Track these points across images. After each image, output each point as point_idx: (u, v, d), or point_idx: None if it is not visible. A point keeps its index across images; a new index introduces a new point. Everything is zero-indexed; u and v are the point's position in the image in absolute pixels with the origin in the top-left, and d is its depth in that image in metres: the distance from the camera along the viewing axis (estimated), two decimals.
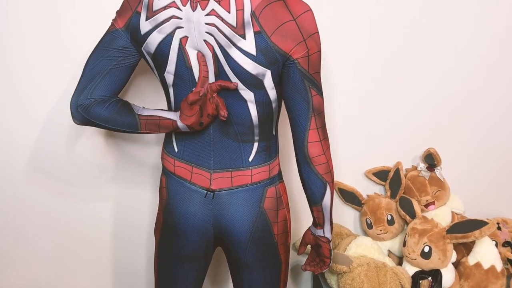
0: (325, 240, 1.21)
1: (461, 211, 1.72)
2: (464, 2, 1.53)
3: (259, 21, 0.94)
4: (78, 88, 1.07)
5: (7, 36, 1.37)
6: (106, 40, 1.06)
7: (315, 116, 1.04)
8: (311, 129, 1.04)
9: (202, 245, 1.20)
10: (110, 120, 1.08)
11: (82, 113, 1.07)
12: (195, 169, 1.14)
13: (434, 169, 1.64)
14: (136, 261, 1.73)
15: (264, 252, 1.19)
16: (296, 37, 0.97)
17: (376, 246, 1.60)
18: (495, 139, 1.73)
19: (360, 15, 1.50)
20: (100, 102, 1.07)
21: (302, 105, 1.03)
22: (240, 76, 1.00)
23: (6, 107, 1.45)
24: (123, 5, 1.05)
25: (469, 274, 1.58)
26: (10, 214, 1.58)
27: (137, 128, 1.09)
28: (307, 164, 1.08)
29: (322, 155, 1.07)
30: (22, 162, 1.52)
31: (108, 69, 1.06)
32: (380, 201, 1.66)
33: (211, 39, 0.98)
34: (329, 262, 1.25)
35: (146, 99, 1.49)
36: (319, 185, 1.10)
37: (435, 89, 1.63)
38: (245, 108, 1.05)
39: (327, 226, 1.18)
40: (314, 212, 1.16)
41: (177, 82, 1.06)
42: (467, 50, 1.59)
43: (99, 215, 1.63)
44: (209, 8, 0.96)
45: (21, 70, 1.41)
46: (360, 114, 1.63)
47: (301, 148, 1.06)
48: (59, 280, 1.70)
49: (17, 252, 1.64)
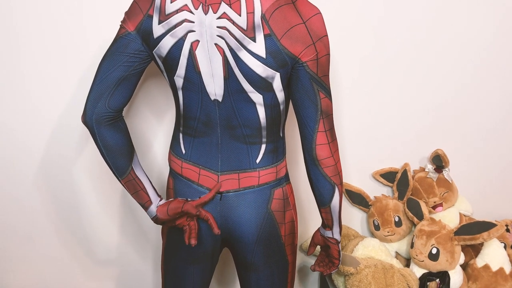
0: (334, 241, 1.21)
1: (469, 212, 1.71)
2: (469, 3, 1.52)
3: (269, 24, 0.95)
4: (94, 94, 1.05)
5: (14, 38, 1.38)
6: (120, 44, 1.05)
7: (323, 119, 1.03)
8: (319, 132, 1.04)
9: (209, 246, 1.21)
10: (111, 150, 1.09)
11: (94, 123, 1.06)
12: (203, 171, 1.14)
13: (442, 171, 1.63)
14: (143, 262, 1.73)
15: (271, 253, 1.19)
16: (305, 40, 0.97)
17: (384, 247, 1.60)
18: (503, 140, 1.71)
19: (365, 16, 1.49)
20: (112, 123, 1.07)
21: (311, 108, 1.02)
22: (250, 79, 1.00)
23: (15, 111, 1.46)
24: (133, 8, 1.04)
25: (477, 276, 1.57)
26: (18, 215, 1.59)
27: (121, 175, 1.12)
28: (315, 166, 1.07)
29: (330, 157, 1.06)
30: (31, 165, 1.53)
31: (125, 75, 1.05)
32: (387, 203, 1.66)
33: (222, 42, 0.98)
34: (338, 263, 1.26)
35: (156, 101, 1.50)
36: (327, 187, 1.09)
37: (442, 90, 1.62)
38: (253, 111, 1.06)
39: (336, 227, 1.18)
40: (322, 213, 1.16)
41: (186, 86, 1.06)
42: (474, 50, 1.58)
43: (106, 216, 1.64)
44: (220, 11, 0.96)
45: (28, 72, 1.42)
46: (367, 116, 1.62)
47: (309, 151, 1.06)
48: (67, 281, 1.71)
49: (25, 253, 1.65)
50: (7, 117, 1.47)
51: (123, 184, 1.14)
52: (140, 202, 1.16)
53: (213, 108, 1.07)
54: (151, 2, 1.01)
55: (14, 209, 1.58)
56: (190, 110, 1.10)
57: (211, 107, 1.07)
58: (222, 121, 1.08)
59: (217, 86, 1.04)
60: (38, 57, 1.40)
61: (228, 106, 1.05)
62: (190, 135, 1.13)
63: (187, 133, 1.13)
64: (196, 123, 1.10)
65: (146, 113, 1.52)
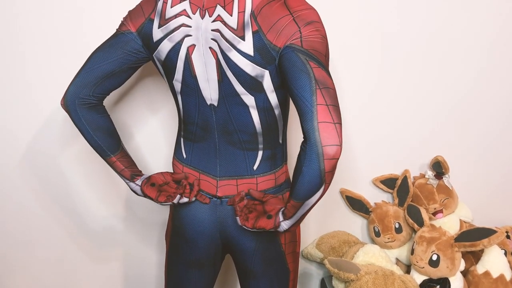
0: (277, 224, 1.03)
1: (470, 219, 1.71)
2: (472, 10, 1.53)
3: (257, 20, 0.94)
4: (81, 79, 1.06)
5: (16, 36, 1.39)
6: (120, 40, 1.06)
7: (320, 89, 0.87)
8: (319, 105, 0.86)
9: (210, 251, 1.21)
10: (98, 129, 1.10)
11: (77, 107, 1.06)
12: (202, 175, 1.15)
13: (442, 177, 1.64)
14: (147, 267, 1.74)
15: (271, 261, 1.18)
16: (291, 29, 0.91)
17: (384, 254, 1.60)
18: (503, 147, 1.72)
19: (373, 25, 1.50)
20: (94, 106, 1.09)
21: (302, 77, 0.88)
22: (241, 79, 0.99)
23: (15, 112, 1.47)
24: (136, 10, 1.06)
25: (477, 283, 1.57)
26: (18, 219, 1.60)
27: (113, 151, 1.14)
28: (316, 156, 0.87)
29: (337, 146, 0.86)
30: (30, 168, 1.54)
31: (117, 70, 1.07)
32: (387, 209, 1.66)
33: (215, 45, 0.98)
34: (252, 226, 1.06)
35: (153, 101, 1.51)
36: (315, 183, 0.90)
37: (443, 98, 1.63)
38: (247, 115, 1.05)
39: (292, 221, 1.02)
40: (289, 203, 0.98)
41: (184, 90, 1.07)
42: (476, 58, 1.59)
43: (109, 220, 1.64)
44: (215, 14, 0.97)
45: (27, 74, 1.43)
46: (368, 122, 1.63)
47: (310, 132, 0.86)
48: (68, 286, 1.72)
49: (25, 258, 1.65)
50: (8, 119, 1.48)
51: (111, 160, 1.14)
52: (122, 177, 1.17)
53: (209, 113, 1.08)
54: (154, 7, 1.02)
55: (14, 214, 1.59)
56: (189, 115, 1.11)
57: (208, 112, 1.08)
58: (218, 126, 1.09)
59: (213, 90, 1.04)
60: (35, 54, 1.41)
61: (224, 110, 1.06)
62: (190, 140, 1.14)
63: (188, 138, 1.14)
64: (195, 128, 1.11)
65: (150, 118, 1.53)
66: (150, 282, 1.76)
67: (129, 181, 1.17)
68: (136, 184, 1.17)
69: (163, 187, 1.15)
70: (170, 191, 1.14)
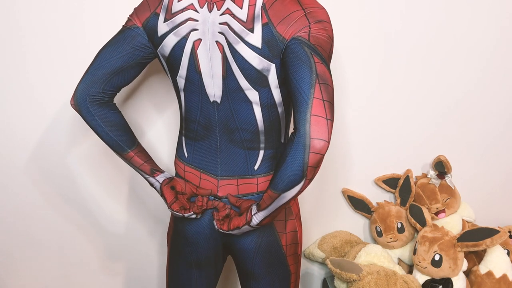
0: (249, 218, 1.04)
1: (472, 219, 1.71)
2: (474, 11, 1.52)
3: (267, 13, 0.94)
4: (90, 76, 1.06)
5: (17, 34, 1.39)
6: (127, 35, 1.06)
7: (320, 84, 0.88)
8: (316, 98, 0.87)
9: (211, 252, 1.21)
10: (113, 125, 1.10)
11: (88, 104, 1.06)
12: (203, 175, 1.14)
13: (445, 177, 1.63)
14: (149, 267, 1.74)
15: (272, 263, 1.18)
16: (301, 23, 0.93)
17: (386, 254, 1.59)
18: (506, 146, 1.71)
19: (375, 25, 1.50)
20: (105, 102, 1.09)
21: (304, 69, 0.89)
22: (246, 73, 0.99)
23: (16, 111, 1.47)
24: (143, 4, 1.06)
25: (480, 283, 1.56)
26: (22, 219, 1.60)
27: (130, 146, 1.13)
28: (302, 147, 0.87)
29: (325, 142, 0.87)
30: (34, 167, 1.54)
31: (126, 66, 1.07)
32: (390, 209, 1.65)
33: (222, 38, 0.98)
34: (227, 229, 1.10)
35: (158, 99, 1.51)
36: (296, 176, 0.90)
37: (445, 97, 1.62)
38: (250, 112, 1.05)
39: (264, 213, 1.01)
40: (266, 193, 0.98)
41: (187, 87, 1.07)
42: (478, 57, 1.59)
43: (111, 220, 1.64)
44: (224, 8, 0.97)
45: (30, 72, 1.43)
46: (370, 122, 1.63)
47: (301, 123, 0.87)
48: (71, 285, 1.72)
49: (28, 258, 1.66)
50: (10, 117, 1.48)
51: (128, 157, 1.13)
52: (143, 173, 1.16)
53: (212, 110, 1.07)
54: (160, 1, 1.03)
55: (18, 213, 1.59)
56: (191, 113, 1.11)
57: (210, 109, 1.07)
58: (220, 124, 1.08)
59: (216, 86, 1.04)
60: (39, 54, 1.41)
61: (227, 108, 1.06)
62: (192, 138, 1.14)
63: (189, 137, 1.14)
64: (197, 126, 1.11)
65: (155, 118, 1.53)
66: (152, 282, 1.76)
67: (149, 176, 1.16)
68: (156, 180, 1.16)
69: (179, 196, 1.15)
70: (183, 202, 1.14)
